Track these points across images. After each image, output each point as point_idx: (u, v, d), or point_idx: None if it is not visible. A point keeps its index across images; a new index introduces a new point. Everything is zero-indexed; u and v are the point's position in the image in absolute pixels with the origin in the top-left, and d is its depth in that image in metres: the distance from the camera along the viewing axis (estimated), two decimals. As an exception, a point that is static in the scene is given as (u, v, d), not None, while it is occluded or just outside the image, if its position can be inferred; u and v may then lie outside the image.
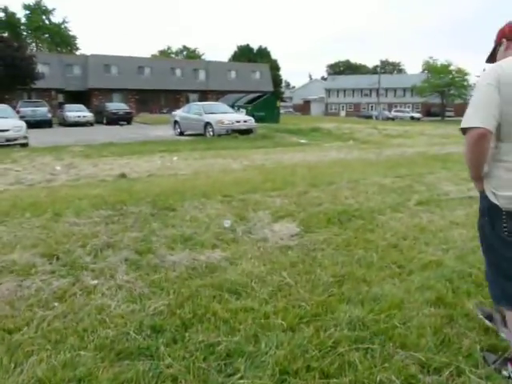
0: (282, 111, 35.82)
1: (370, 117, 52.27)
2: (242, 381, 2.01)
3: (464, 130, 1.92)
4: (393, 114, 55.28)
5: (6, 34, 41.57)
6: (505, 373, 2.08)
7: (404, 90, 68.18)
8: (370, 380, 2.00)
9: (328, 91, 76.16)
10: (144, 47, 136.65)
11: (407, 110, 60.55)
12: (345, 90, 74.72)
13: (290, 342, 2.30)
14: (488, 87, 1.89)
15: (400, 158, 10.61)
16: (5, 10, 57.78)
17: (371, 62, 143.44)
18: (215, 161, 9.99)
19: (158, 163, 9.48)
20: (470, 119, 1.90)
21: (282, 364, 2.11)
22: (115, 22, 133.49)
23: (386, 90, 67.54)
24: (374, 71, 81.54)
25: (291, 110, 73.14)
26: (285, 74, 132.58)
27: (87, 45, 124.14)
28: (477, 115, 1.89)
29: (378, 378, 2.00)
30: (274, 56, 64.91)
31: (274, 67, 60.86)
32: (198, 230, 4.23)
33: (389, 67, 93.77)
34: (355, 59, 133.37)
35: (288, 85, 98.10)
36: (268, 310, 2.65)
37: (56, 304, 2.76)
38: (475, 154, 1.94)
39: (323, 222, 4.53)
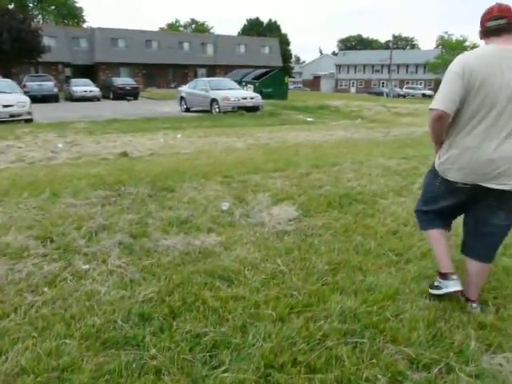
0: (290, 87, 35.36)
1: (380, 93, 51.36)
2: (225, 374, 1.98)
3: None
4: (404, 90, 54.31)
5: (11, 6, 41.00)
6: (435, 283, 2.65)
7: (416, 66, 66.75)
8: (356, 376, 1.96)
9: (338, 67, 74.82)
10: (152, 20, 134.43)
11: (419, 86, 59.42)
12: (356, 66, 73.32)
13: (279, 333, 2.26)
14: (453, 75, 2.24)
15: (407, 139, 10.41)
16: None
17: (384, 36, 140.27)
18: (219, 139, 9.88)
19: (161, 141, 9.40)
20: (434, 101, 2.29)
21: (268, 357, 2.07)
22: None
23: (398, 66, 66.12)
24: (386, 46, 79.71)
25: (300, 85, 72.10)
26: (295, 49, 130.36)
27: (94, 17, 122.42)
28: (439, 99, 2.27)
29: (364, 375, 1.96)
30: (284, 30, 63.79)
31: (284, 42, 59.85)
32: (194, 213, 4.17)
33: (402, 42, 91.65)
34: (367, 34, 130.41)
35: (298, 60, 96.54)
36: (259, 299, 2.61)
37: (46, 289, 2.73)
38: (434, 129, 2.40)
39: (323, 206, 4.45)
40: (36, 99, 20.32)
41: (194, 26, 78.12)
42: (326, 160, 6.86)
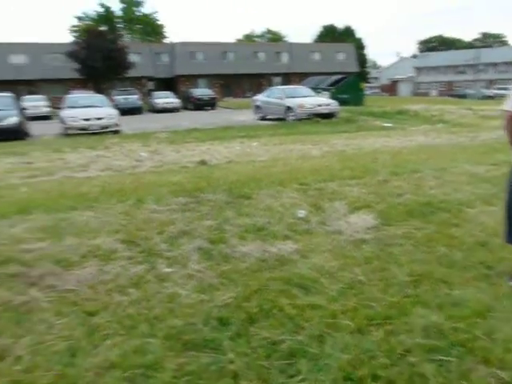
0: (367, 92, 34.53)
1: (463, 96, 48.37)
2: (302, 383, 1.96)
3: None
4: (493, 91, 50.57)
5: (104, 28, 44.48)
6: None
7: (507, 64, 61.96)
8: (442, 396, 1.84)
9: (418, 70, 71.71)
10: (229, 32, 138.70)
11: (510, 86, 55.05)
12: (437, 68, 69.73)
13: (357, 345, 2.19)
14: None
15: (497, 143, 9.67)
16: (103, 5, 62.18)
17: (467, 35, 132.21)
18: (294, 146, 9.87)
19: (238, 149, 9.60)
20: (506, 103, 2.46)
21: (346, 369, 2.02)
22: (200, 8, 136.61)
23: (486, 65, 61.91)
24: (471, 46, 75.11)
25: (377, 90, 70.09)
26: (371, 54, 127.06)
27: (174, 32, 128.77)
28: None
29: (451, 396, 1.83)
30: (359, 35, 62.49)
31: (359, 46, 58.65)
32: (271, 220, 4.20)
33: (489, 40, 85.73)
34: (449, 33, 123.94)
35: (374, 64, 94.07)
36: (336, 309, 2.56)
37: (131, 290, 2.89)
38: (509, 130, 2.57)
39: (403, 215, 4.27)
40: (123, 112, 21.77)
41: (268, 35, 79.26)
42: (406, 167, 6.58)
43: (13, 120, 14.19)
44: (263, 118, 19.55)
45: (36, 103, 26.90)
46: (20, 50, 46.45)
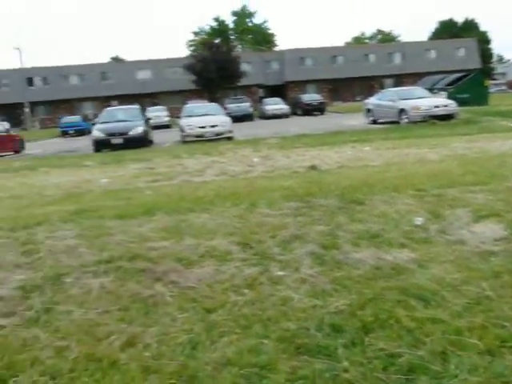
0: (491, 90, 31.51)
1: None
2: (424, 402, 1.84)
3: None
4: None
5: (218, 41, 47.11)
6: None
7: None
8: None
9: (555, 62, 63.59)
10: (338, 35, 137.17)
11: None
12: None
13: (488, 368, 2.00)
14: None
15: None
16: (217, 19, 65.87)
17: None
18: (409, 151, 9.39)
19: (349, 154, 9.42)
20: None
21: (476, 393, 1.84)
22: (310, 13, 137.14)
23: None
24: None
25: (504, 87, 63.60)
26: (497, 47, 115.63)
27: (284, 40, 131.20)
28: None
29: None
30: (483, 28, 57.43)
31: (484, 40, 53.90)
32: (385, 227, 4.03)
33: None
34: None
35: (501, 59, 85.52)
36: (461, 326, 2.35)
37: (246, 291, 2.99)
38: None
39: (540, 225, 3.80)
40: (235, 119, 22.78)
41: (379, 36, 76.74)
42: (542, 171, 5.86)
43: (139, 130, 15.69)
44: (375, 122, 18.96)
45: (158, 113, 29.47)
46: (145, 66, 51.34)
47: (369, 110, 19.69)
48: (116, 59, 61.29)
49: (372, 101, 19.96)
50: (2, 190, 7.78)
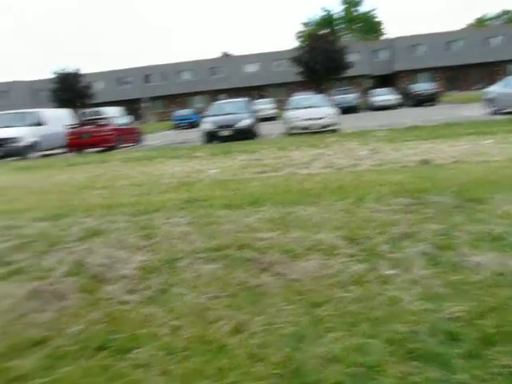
0: None
1: None
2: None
3: None
4: None
5: (325, 31, 46.41)
6: None
7: None
8: None
9: None
10: (455, 19, 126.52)
11: None
12: None
13: None
14: None
15: None
16: (325, 9, 65.11)
17: None
18: (539, 144, 8.37)
19: (466, 148, 8.68)
20: None
21: None
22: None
23: None
24: None
25: None
26: None
27: (394, 27, 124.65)
28: None
29: None
30: None
31: None
32: (510, 229, 3.65)
33: None
34: None
35: None
36: None
37: (352, 288, 2.91)
38: None
39: None
40: (342, 110, 22.34)
41: (504, 17, 69.25)
42: None
43: (246, 122, 16.16)
44: (497, 112, 17.20)
45: (264, 106, 30.10)
46: (253, 60, 52.61)
47: (490, 100, 17.92)
48: (225, 55, 63.68)
49: (494, 89, 18.11)
50: (125, 179, 8.55)
